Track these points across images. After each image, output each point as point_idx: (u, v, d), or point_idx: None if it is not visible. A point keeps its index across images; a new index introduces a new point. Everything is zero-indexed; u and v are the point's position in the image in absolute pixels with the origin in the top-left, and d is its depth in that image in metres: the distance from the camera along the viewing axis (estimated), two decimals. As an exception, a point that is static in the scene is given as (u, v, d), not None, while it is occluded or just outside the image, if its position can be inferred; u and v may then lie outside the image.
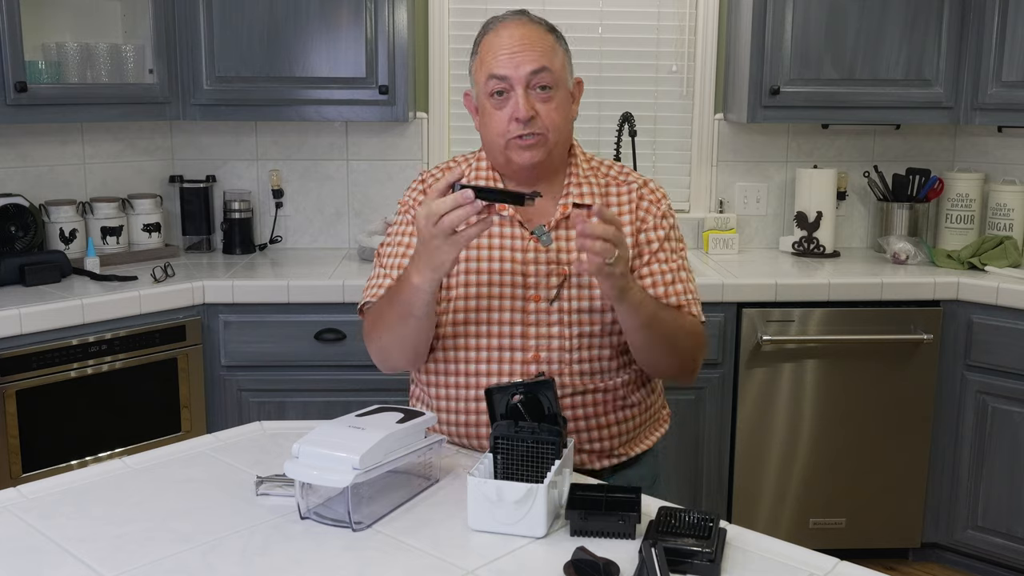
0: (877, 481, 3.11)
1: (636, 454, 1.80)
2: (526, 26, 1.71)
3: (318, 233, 3.55)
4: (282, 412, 2.92)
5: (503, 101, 1.68)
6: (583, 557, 1.23)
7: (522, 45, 1.67)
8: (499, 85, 1.67)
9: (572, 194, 1.76)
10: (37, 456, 2.60)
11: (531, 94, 1.67)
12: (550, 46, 1.70)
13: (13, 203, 2.97)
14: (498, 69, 1.67)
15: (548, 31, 1.73)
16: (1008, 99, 3.13)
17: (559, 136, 1.72)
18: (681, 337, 1.72)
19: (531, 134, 1.68)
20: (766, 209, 3.60)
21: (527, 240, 1.73)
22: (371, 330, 1.75)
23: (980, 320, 2.99)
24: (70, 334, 2.64)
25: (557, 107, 1.70)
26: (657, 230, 1.77)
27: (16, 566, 1.27)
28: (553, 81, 1.68)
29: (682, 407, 3.01)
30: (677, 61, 3.54)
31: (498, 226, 1.73)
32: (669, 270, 1.75)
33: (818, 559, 1.29)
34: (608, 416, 1.74)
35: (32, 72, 2.83)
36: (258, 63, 3.11)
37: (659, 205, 1.79)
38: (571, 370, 1.71)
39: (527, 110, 1.66)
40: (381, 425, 1.44)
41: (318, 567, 1.27)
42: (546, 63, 1.67)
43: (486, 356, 1.71)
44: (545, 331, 1.70)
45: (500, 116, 1.68)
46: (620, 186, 1.80)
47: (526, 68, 1.66)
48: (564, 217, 1.74)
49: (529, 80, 1.66)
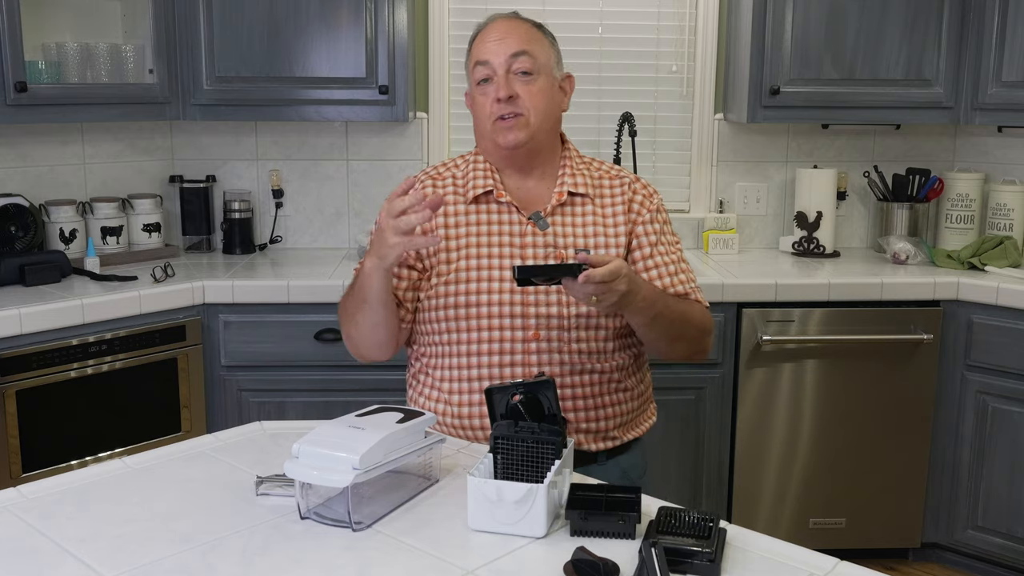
0: (877, 481, 3.11)
1: (629, 440, 1.85)
2: (512, 21, 1.82)
3: (318, 233, 3.55)
4: (282, 412, 2.92)
5: (488, 87, 1.77)
6: (583, 557, 1.23)
7: (505, 32, 1.78)
8: (484, 71, 1.77)
9: (567, 183, 1.82)
10: (37, 456, 2.60)
11: (512, 78, 1.76)
12: (534, 36, 1.80)
13: (13, 203, 2.97)
14: (482, 55, 1.77)
15: (534, 27, 1.83)
16: (1008, 99, 3.13)
17: (541, 119, 1.79)
18: (690, 322, 1.81)
19: (512, 114, 1.76)
20: (766, 209, 3.60)
21: (524, 225, 1.80)
22: (341, 322, 1.83)
23: (980, 320, 2.99)
24: (70, 334, 2.64)
25: (539, 91, 1.78)
26: (654, 223, 1.85)
27: (16, 566, 1.26)
28: (534, 66, 1.76)
29: (682, 407, 3.02)
30: (677, 61, 3.54)
31: (496, 213, 1.81)
32: (672, 261, 1.84)
33: (818, 559, 1.29)
34: (605, 397, 1.80)
35: (32, 72, 2.83)
36: (258, 63, 3.11)
37: (651, 199, 1.87)
38: (570, 348, 1.76)
39: (507, 89, 1.75)
40: (381, 425, 1.44)
41: (318, 567, 1.27)
42: (525, 47, 1.76)
43: (487, 336, 1.76)
44: (544, 311, 1.76)
45: (485, 101, 1.78)
46: (612, 179, 1.88)
47: (506, 52, 1.75)
48: (560, 203, 1.81)
49: (510, 64, 1.76)
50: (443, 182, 1.85)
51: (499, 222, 1.80)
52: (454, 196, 1.83)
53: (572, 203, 1.82)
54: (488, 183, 1.82)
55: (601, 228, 1.81)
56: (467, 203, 1.82)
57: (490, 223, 1.80)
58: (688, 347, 1.84)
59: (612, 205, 1.84)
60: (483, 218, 1.81)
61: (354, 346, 1.83)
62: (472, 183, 1.83)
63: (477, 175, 1.83)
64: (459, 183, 1.85)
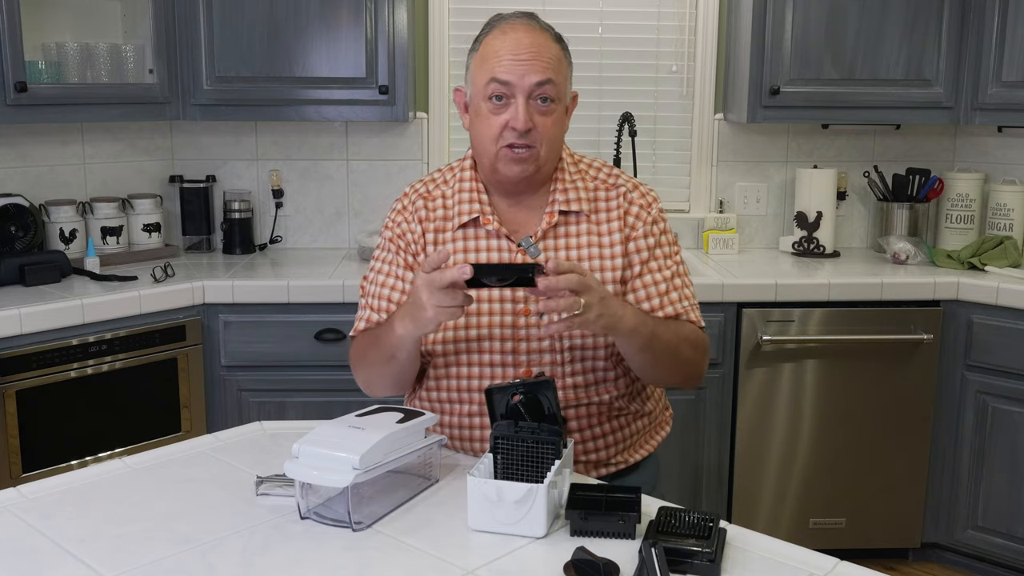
0: (877, 481, 3.11)
1: (635, 461, 1.78)
2: (535, 33, 1.64)
3: (318, 233, 3.55)
4: (282, 412, 2.92)
5: (501, 107, 1.63)
6: (583, 557, 1.23)
7: (530, 53, 1.61)
8: (500, 90, 1.62)
9: (558, 201, 1.71)
10: (37, 456, 2.60)
11: (531, 105, 1.62)
12: (557, 58, 1.65)
13: (13, 203, 2.97)
14: (502, 74, 1.61)
15: (555, 40, 1.67)
16: (1008, 99, 3.13)
17: (551, 152, 1.68)
18: (683, 349, 1.68)
19: (525, 146, 1.63)
20: (766, 209, 3.60)
21: (515, 252, 1.70)
22: (356, 362, 1.77)
23: (980, 320, 2.99)
24: (70, 334, 2.64)
25: (555, 122, 1.66)
26: (647, 238, 1.72)
27: (16, 566, 1.27)
28: (556, 94, 1.63)
29: (682, 407, 3.01)
30: (677, 61, 3.54)
31: (484, 239, 1.71)
32: (663, 279, 1.71)
33: (818, 559, 1.29)
34: (603, 426, 1.72)
35: (32, 72, 2.83)
36: (258, 63, 3.11)
37: (648, 210, 1.74)
38: (564, 384, 1.68)
39: (526, 121, 1.61)
40: (381, 425, 1.44)
41: (318, 567, 1.27)
42: (552, 75, 1.62)
43: (478, 372, 1.69)
44: (536, 345, 1.68)
45: (495, 121, 1.63)
46: (608, 191, 1.75)
47: (532, 78, 1.60)
48: (551, 226, 1.71)
49: (532, 91, 1.61)
50: (433, 203, 1.75)
51: (487, 248, 1.70)
52: (444, 222, 1.73)
53: (566, 222, 1.71)
54: (475, 208, 1.71)
55: (597, 249, 1.70)
56: (453, 230, 1.72)
57: (478, 251, 1.70)
58: (684, 374, 1.72)
59: (608, 221, 1.72)
60: (471, 244, 1.71)
61: (370, 386, 1.76)
62: (458, 207, 1.72)
63: (463, 197, 1.72)
64: (448, 202, 1.74)
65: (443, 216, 1.74)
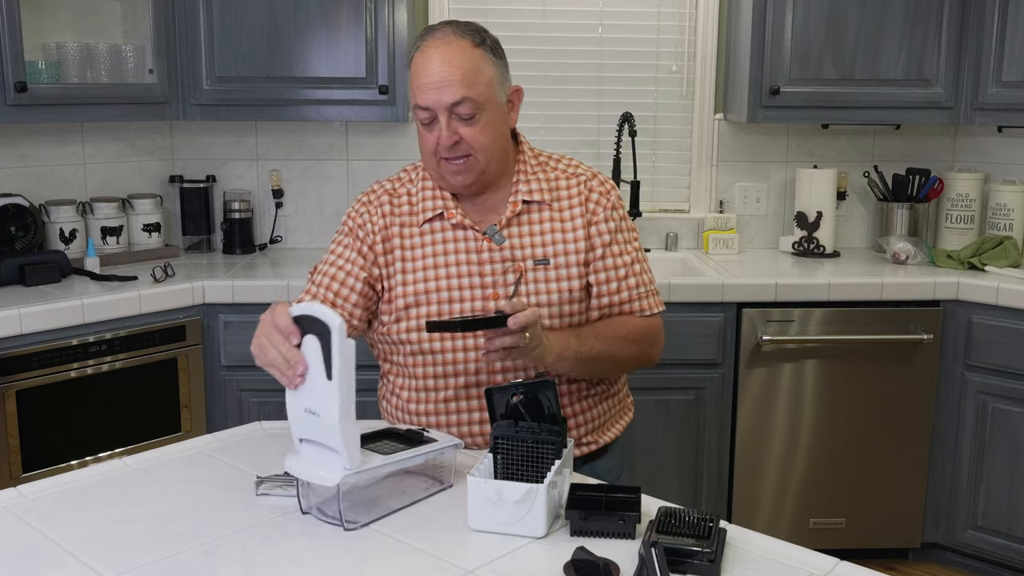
0: (877, 481, 3.11)
1: (605, 443, 1.84)
2: (449, 46, 1.68)
3: (318, 233, 3.54)
4: (282, 412, 2.89)
5: (431, 126, 1.71)
6: (583, 557, 1.23)
7: (443, 73, 1.66)
8: (423, 114, 1.71)
9: (521, 191, 1.78)
10: (37, 456, 2.60)
11: (454, 120, 1.69)
12: (473, 68, 1.68)
13: (13, 203, 2.97)
14: (421, 100, 1.70)
15: (475, 45, 1.70)
16: (1008, 99, 3.13)
17: (490, 155, 1.73)
18: (621, 350, 1.77)
19: (459, 157, 1.71)
20: (766, 209, 3.60)
21: (480, 240, 1.76)
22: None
23: (980, 320, 2.99)
24: (70, 334, 2.64)
25: (483, 128, 1.71)
26: (608, 222, 1.79)
27: (16, 566, 1.27)
28: (475, 108, 1.68)
29: (682, 407, 3.01)
30: (677, 61, 3.54)
31: (451, 230, 1.77)
32: (623, 264, 1.79)
33: (818, 559, 1.29)
34: (573, 407, 1.79)
35: (32, 72, 2.83)
36: (258, 63, 3.11)
37: (608, 196, 1.81)
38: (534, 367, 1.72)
39: (449, 137, 1.69)
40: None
41: (318, 567, 1.27)
42: (465, 92, 1.67)
43: (451, 357, 1.73)
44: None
45: (430, 138, 1.72)
46: (569, 179, 1.82)
47: (445, 101, 1.67)
48: (515, 214, 1.77)
49: (451, 109, 1.68)
50: (399, 199, 1.81)
51: (454, 240, 1.76)
52: (410, 217, 1.79)
53: (528, 211, 1.78)
54: (438, 204, 1.77)
55: (560, 235, 1.77)
56: (419, 225, 1.78)
57: (445, 242, 1.76)
58: (625, 368, 1.85)
59: (570, 208, 1.79)
60: (438, 238, 1.76)
61: None
62: (421, 204, 1.79)
63: (426, 195, 1.79)
64: (414, 199, 1.80)
65: (408, 212, 1.80)
